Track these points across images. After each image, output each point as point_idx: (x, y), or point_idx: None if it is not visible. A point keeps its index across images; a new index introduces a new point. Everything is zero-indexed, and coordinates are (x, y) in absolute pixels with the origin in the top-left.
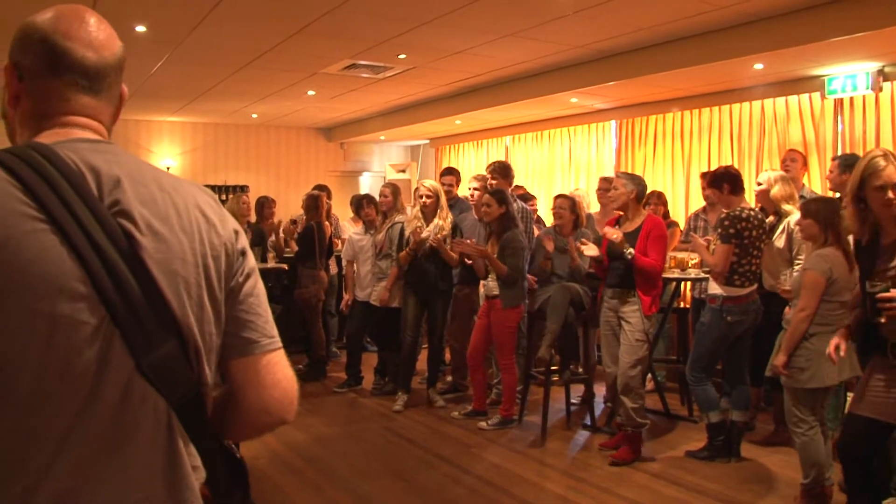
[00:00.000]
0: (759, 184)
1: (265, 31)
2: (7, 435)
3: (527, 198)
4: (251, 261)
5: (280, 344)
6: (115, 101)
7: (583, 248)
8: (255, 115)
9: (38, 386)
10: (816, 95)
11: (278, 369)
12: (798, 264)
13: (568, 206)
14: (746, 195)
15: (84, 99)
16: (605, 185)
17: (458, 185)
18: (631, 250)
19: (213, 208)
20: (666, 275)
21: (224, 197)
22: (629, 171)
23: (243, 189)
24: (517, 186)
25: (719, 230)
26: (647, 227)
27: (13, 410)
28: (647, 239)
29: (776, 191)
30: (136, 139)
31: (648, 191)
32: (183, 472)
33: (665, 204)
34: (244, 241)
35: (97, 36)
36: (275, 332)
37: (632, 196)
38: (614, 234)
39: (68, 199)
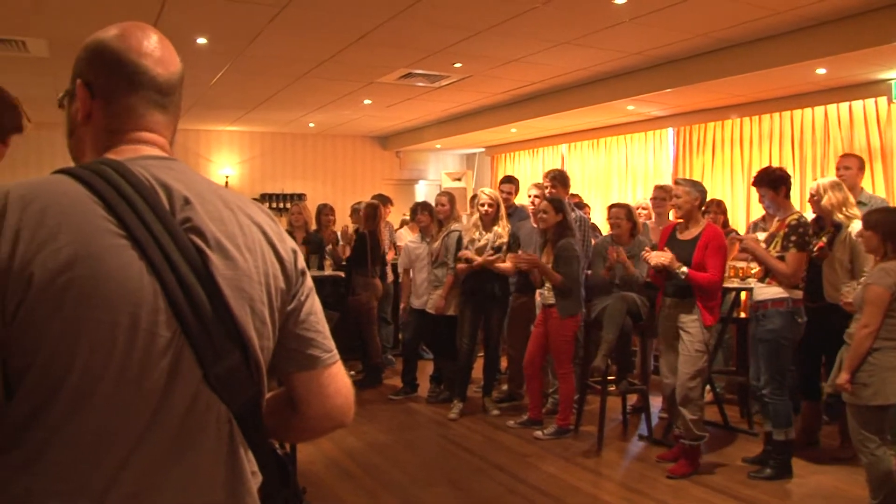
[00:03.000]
0: (812, 194)
1: (323, 41)
2: (82, 440)
3: (581, 205)
4: (309, 280)
5: (338, 356)
6: (178, 117)
7: (653, 255)
8: (312, 125)
9: (115, 394)
10: (883, 100)
11: (338, 379)
12: (864, 277)
13: (624, 214)
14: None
15: (156, 115)
16: (661, 194)
17: (516, 194)
18: (684, 269)
19: (272, 228)
20: (725, 284)
21: (282, 205)
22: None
23: (300, 197)
24: (572, 195)
25: (793, 237)
26: (705, 237)
27: (90, 417)
28: (704, 249)
29: (826, 200)
30: (196, 148)
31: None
32: (243, 478)
33: (725, 213)
34: (302, 261)
35: (164, 53)
36: (333, 344)
37: (695, 203)
38: (661, 257)
39: (144, 215)
